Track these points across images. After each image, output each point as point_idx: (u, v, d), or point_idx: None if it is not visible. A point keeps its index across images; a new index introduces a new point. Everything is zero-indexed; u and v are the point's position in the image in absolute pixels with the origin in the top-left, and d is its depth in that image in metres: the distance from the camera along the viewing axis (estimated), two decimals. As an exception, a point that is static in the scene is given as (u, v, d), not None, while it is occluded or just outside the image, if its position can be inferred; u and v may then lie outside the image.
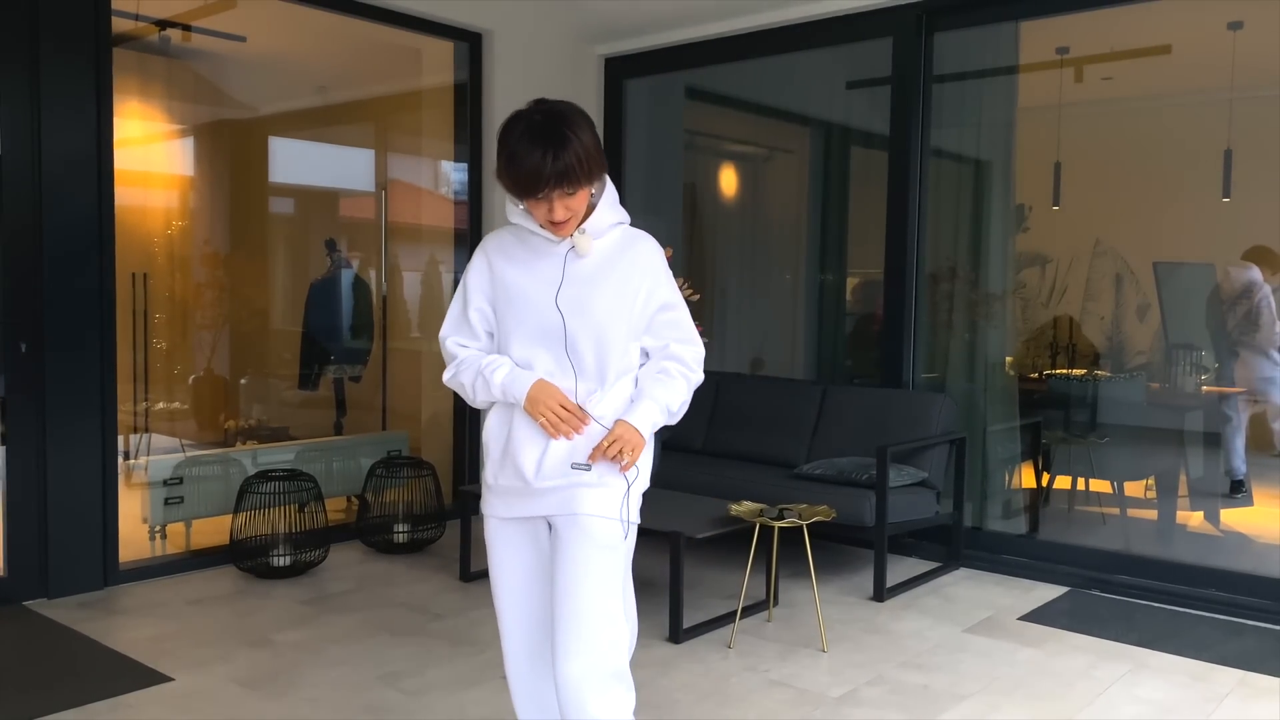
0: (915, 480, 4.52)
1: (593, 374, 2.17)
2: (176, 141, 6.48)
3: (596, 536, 2.15)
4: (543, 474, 2.15)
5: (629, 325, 2.18)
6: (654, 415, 2.17)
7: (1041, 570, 4.68)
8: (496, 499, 2.25)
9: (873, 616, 4.10)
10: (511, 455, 2.18)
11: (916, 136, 5.05)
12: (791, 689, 3.35)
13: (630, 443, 2.13)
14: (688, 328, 2.26)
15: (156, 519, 4.71)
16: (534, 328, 2.16)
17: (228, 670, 3.43)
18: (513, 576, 2.28)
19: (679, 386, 2.22)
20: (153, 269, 6.17)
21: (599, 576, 2.15)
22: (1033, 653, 3.71)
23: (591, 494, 2.15)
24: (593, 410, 2.15)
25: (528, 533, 2.26)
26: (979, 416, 5.11)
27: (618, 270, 2.17)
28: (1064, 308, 6.91)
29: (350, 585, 4.42)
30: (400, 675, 3.41)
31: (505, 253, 2.22)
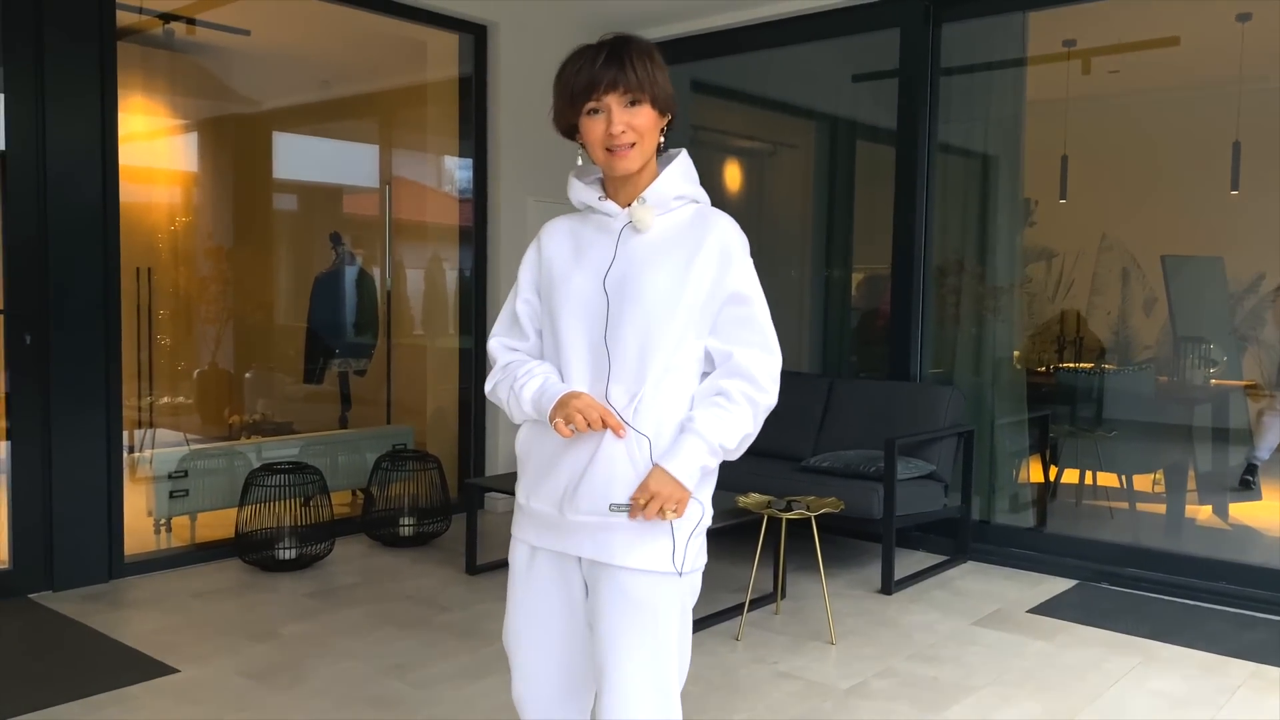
0: (923, 473, 4.50)
1: (631, 369, 1.76)
2: (180, 135, 6.47)
3: (638, 597, 1.75)
4: (575, 505, 1.78)
5: (688, 316, 1.77)
6: (701, 458, 1.74)
7: (1050, 563, 4.66)
8: (527, 521, 1.89)
9: (881, 609, 4.08)
10: (542, 475, 1.84)
11: (924, 129, 5.03)
12: (800, 681, 3.33)
13: (672, 499, 1.72)
14: (763, 331, 1.81)
15: (161, 512, 4.69)
16: (577, 314, 1.81)
17: (233, 662, 3.42)
18: (532, 618, 1.88)
19: (739, 416, 1.77)
20: (157, 264, 6.16)
21: (644, 649, 1.76)
22: (1043, 645, 3.69)
23: (632, 541, 1.75)
24: (630, 418, 1.75)
25: (556, 570, 1.86)
26: (986, 410, 5.08)
27: (681, 249, 1.79)
28: (1070, 302, 6.89)
29: (356, 578, 4.40)
30: (406, 668, 3.39)
31: (558, 236, 1.90)
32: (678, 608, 1.80)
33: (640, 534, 1.76)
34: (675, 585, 1.79)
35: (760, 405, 1.80)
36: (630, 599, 1.76)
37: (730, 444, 1.78)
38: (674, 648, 1.80)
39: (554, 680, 1.90)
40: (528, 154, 5.70)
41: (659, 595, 1.77)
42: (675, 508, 1.73)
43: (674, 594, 1.79)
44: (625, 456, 1.75)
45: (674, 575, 1.78)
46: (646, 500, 1.72)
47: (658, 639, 1.77)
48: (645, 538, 1.76)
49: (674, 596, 1.79)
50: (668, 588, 1.78)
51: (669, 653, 1.79)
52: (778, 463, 4.84)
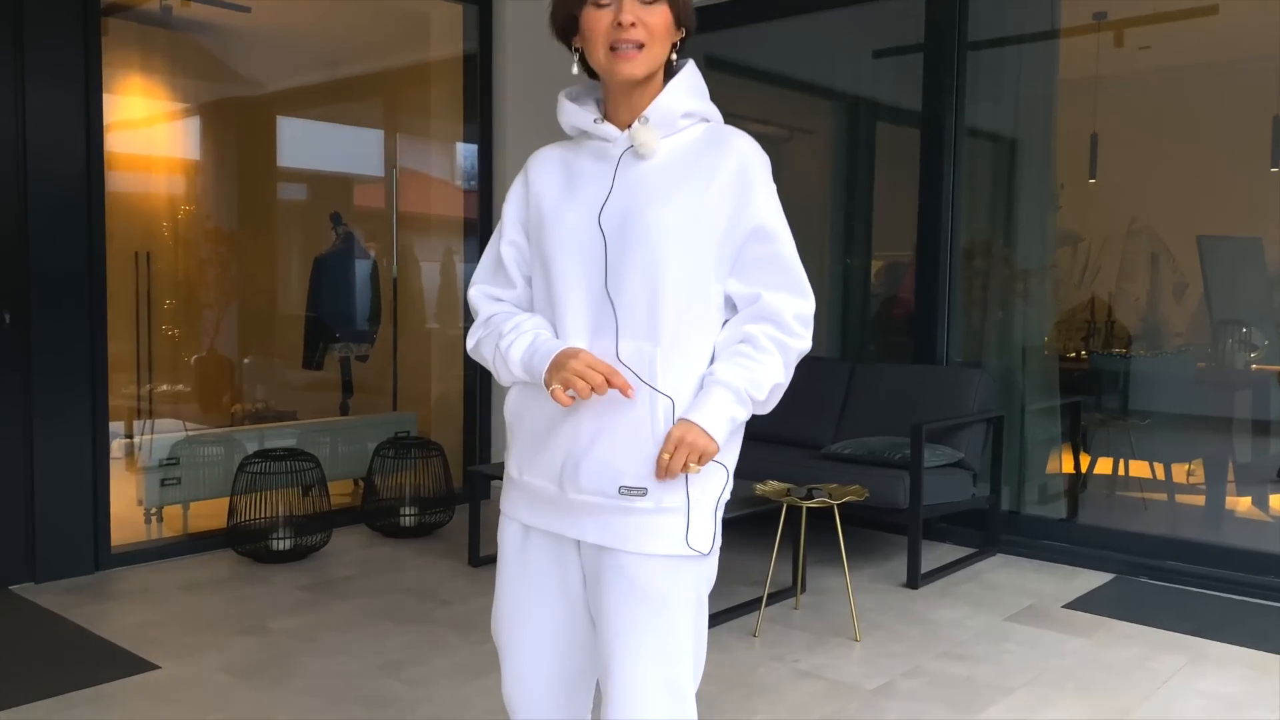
0: (951, 461, 4.26)
1: (642, 322, 1.50)
2: (178, 116, 6.27)
3: (649, 586, 1.53)
4: (578, 483, 1.53)
5: (703, 255, 1.53)
6: (729, 409, 1.51)
7: (1083, 556, 4.41)
8: (519, 496, 1.65)
9: (907, 604, 3.84)
10: (537, 446, 1.59)
11: (951, 105, 4.79)
12: (823, 680, 3.10)
13: (696, 448, 1.49)
14: (791, 270, 1.57)
15: (152, 501, 4.49)
16: (572, 258, 1.54)
17: (218, 659, 3.21)
18: (523, 607, 1.66)
19: (768, 363, 1.54)
20: (155, 248, 5.98)
21: (655, 645, 1.54)
22: (1081, 642, 3.45)
23: (645, 525, 1.52)
24: (646, 379, 1.51)
25: (553, 553, 1.63)
26: (1016, 395, 4.84)
27: (693, 176, 1.53)
28: (1096, 288, 6.64)
29: (353, 570, 4.20)
30: (402, 664, 3.18)
31: (548, 165, 1.64)
32: (693, 597, 1.57)
33: (654, 515, 1.52)
34: (691, 571, 1.56)
35: (792, 351, 1.57)
36: (640, 589, 1.53)
37: (760, 394, 1.54)
38: (689, 643, 1.57)
39: (548, 677, 1.68)
40: (537, 133, 5.47)
41: (673, 583, 1.54)
42: (699, 460, 1.50)
43: (689, 581, 1.56)
44: (642, 423, 1.51)
45: (690, 558, 1.55)
46: (670, 453, 1.49)
47: (671, 633, 1.55)
48: (659, 524, 1.53)
49: (689, 584, 1.56)
50: (683, 574, 1.55)
51: (683, 649, 1.56)
52: (796, 450, 4.61)
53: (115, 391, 5.61)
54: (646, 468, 1.51)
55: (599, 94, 1.64)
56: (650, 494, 1.52)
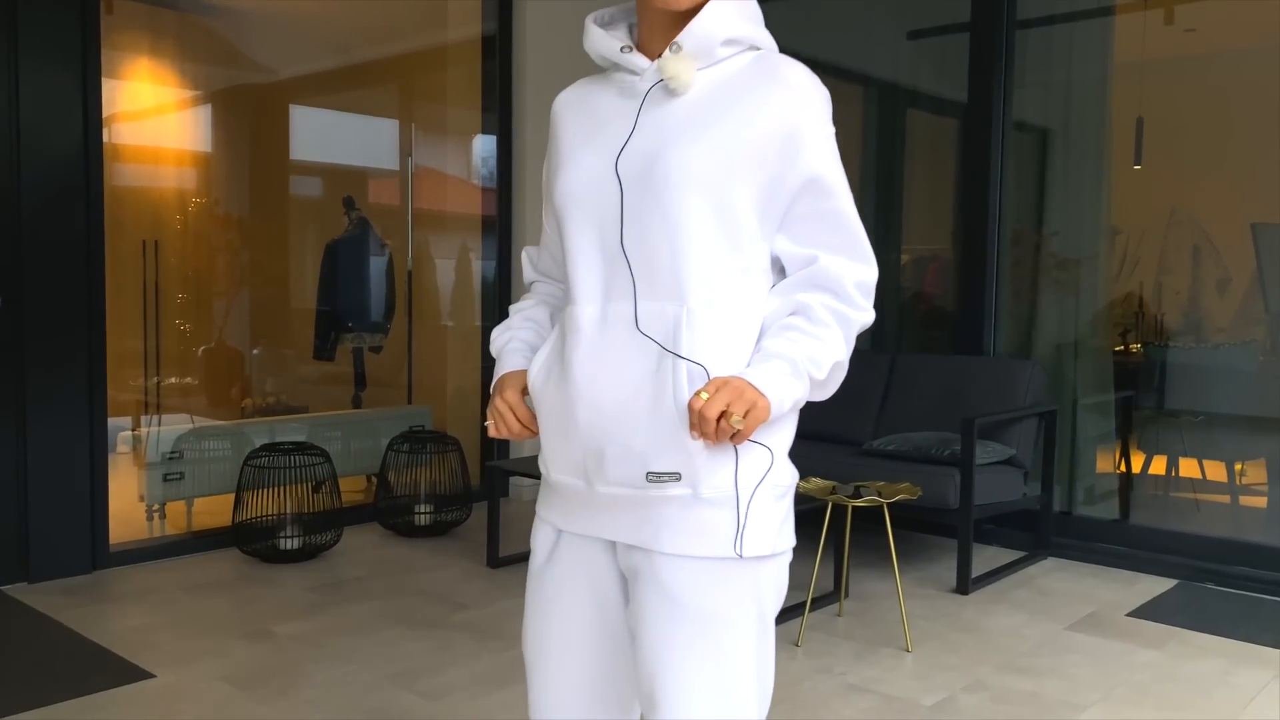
0: (1002, 458, 3.99)
1: (665, 283, 1.25)
2: (187, 102, 6.05)
3: (691, 600, 1.25)
4: (604, 474, 1.29)
5: (741, 206, 1.26)
6: (786, 381, 1.24)
7: (1141, 560, 4.13)
8: (552, 497, 1.41)
9: (958, 611, 3.57)
10: (559, 436, 1.34)
11: (999, 86, 4.53)
12: (875, 695, 2.83)
13: (743, 399, 1.18)
14: (852, 231, 1.32)
15: (154, 497, 4.26)
16: (584, 209, 1.31)
17: (218, 666, 2.97)
18: (553, 622, 1.40)
19: (827, 339, 1.28)
20: (164, 237, 5.77)
21: (705, 674, 1.26)
22: (1153, 655, 3.18)
23: (681, 520, 1.26)
24: (670, 347, 1.24)
25: (584, 560, 1.38)
26: (1066, 389, 4.57)
27: (732, 111, 1.26)
28: (1135, 280, 6.35)
29: (365, 571, 3.95)
30: (416, 674, 2.93)
31: (570, 105, 1.41)
32: (751, 613, 1.29)
33: (692, 507, 1.25)
34: (747, 580, 1.28)
35: (854, 325, 1.32)
36: (679, 601, 1.26)
37: (820, 372, 1.28)
38: (749, 671, 1.29)
39: (580, 704, 1.41)
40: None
41: (723, 595, 1.26)
42: (745, 416, 1.18)
43: (745, 593, 1.28)
44: (666, 396, 1.23)
45: (743, 563, 1.27)
46: (710, 398, 1.18)
47: (722, 659, 1.27)
48: (698, 511, 1.25)
49: (745, 597, 1.28)
50: (735, 584, 1.27)
51: (742, 679, 1.28)
52: (835, 446, 4.34)
53: (121, 384, 5.40)
54: (677, 448, 1.24)
55: (634, 18, 1.39)
56: (685, 479, 1.24)
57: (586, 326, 1.29)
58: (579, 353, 1.29)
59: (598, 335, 1.28)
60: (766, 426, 1.28)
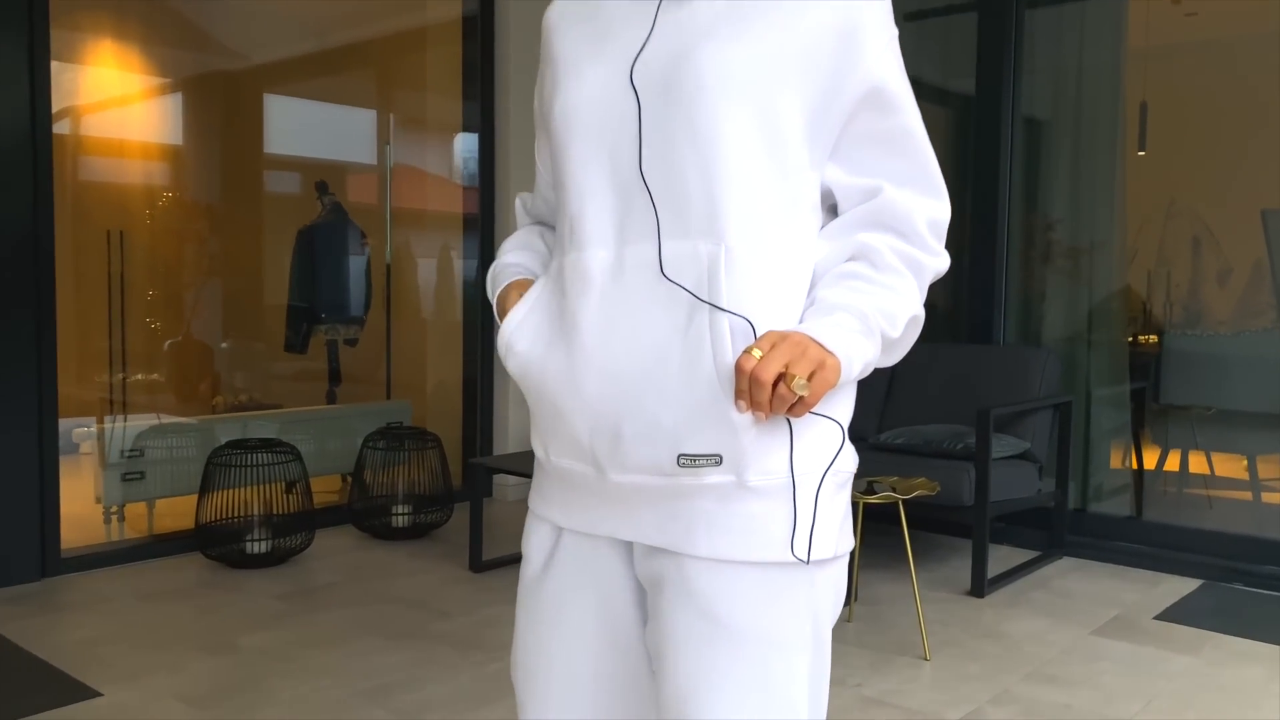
0: (1016, 452, 3.76)
1: (698, 216, 1.00)
2: (152, 87, 5.76)
3: (734, 616, 1.01)
4: (622, 458, 1.02)
5: (787, 122, 1.02)
6: (854, 338, 0.99)
7: (1162, 560, 3.91)
8: (550, 486, 1.15)
9: (975, 615, 3.34)
10: (557, 408, 1.07)
11: (1008, 70, 4.32)
12: (895, 709, 2.59)
13: (807, 357, 0.94)
14: (921, 156, 1.07)
15: (112, 499, 3.98)
16: (584, 134, 1.06)
17: (171, 683, 2.70)
18: (550, 644, 1.14)
19: (900, 288, 1.04)
20: (129, 226, 5.49)
21: (750, 707, 1.01)
22: (1189, 661, 2.95)
23: (721, 515, 1.01)
24: (709, 297, 0.99)
25: (591, 568, 1.12)
26: (1080, 379, 4.35)
27: (774, 7, 1.02)
28: (1144, 268, 6.15)
29: (338, 577, 3.69)
30: (391, 689, 2.67)
31: (568, 12, 1.15)
32: (807, 631, 1.04)
33: (736, 499, 1.00)
34: (801, 590, 1.03)
35: (927, 272, 1.08)
36: (717, 619, 1.01)
37: (894, 328, 1.03)
38: (802, 704, 1.04)
39: None
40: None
41: (771, 610, 1.01)
42: (809, 380, 0.93)
43: (799, 606, 1.03)
44: (703, 356, 0.97)
45: (798, 570, 1.02)
46: (763, 354, 0.93)
47: (773, 691, 1.01)
48: (743, 503, 0.99)
49: (798, 610, 1.03)
50: (787, 596, 1.02)
51: (790, 713, 1.03)
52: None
53: (86, 381, 5.11)
54: (717, 423, 0.97)
55: None
56: (727, 462, 0.99)
57: (597, 276, 1.03)
58: (587, 308, 1.03)
59: (611, 286, 1.02)
60: (828, 397, 1.03)
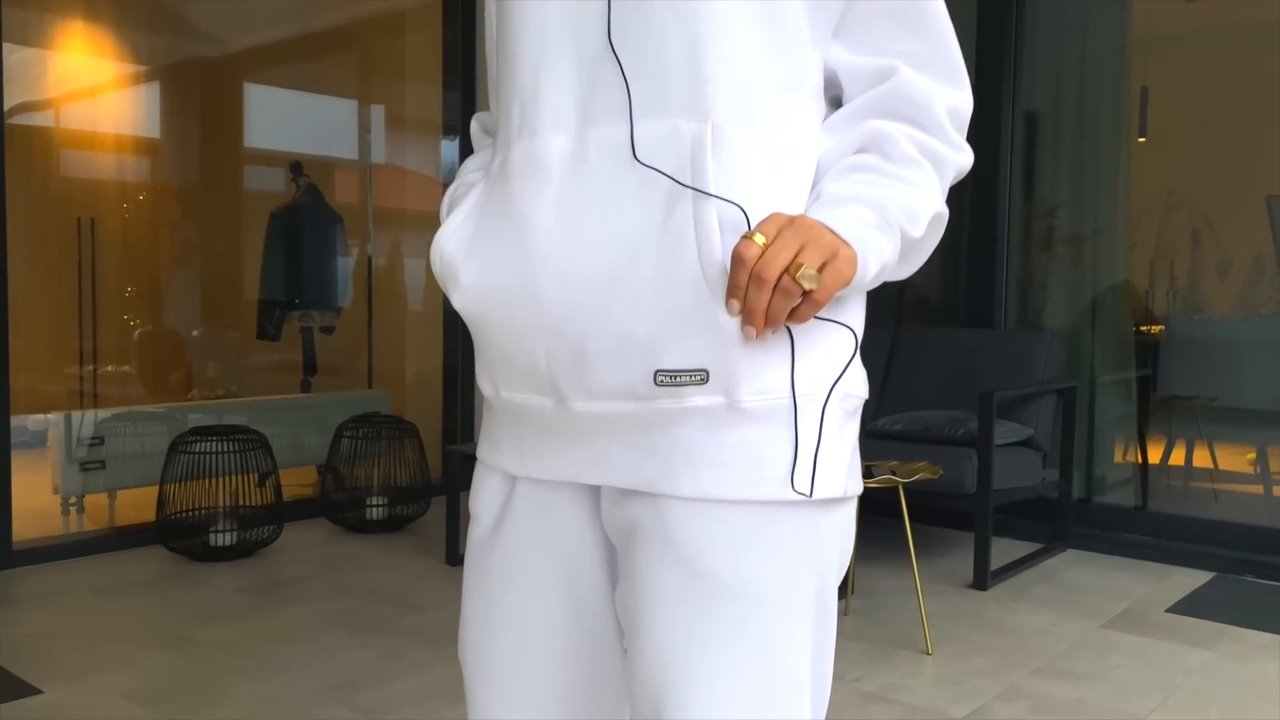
0: (1019, 438, 3.60)
1: (678, 90, 0.83)
2: (127, 74, 5.57)
3: (718, 568, 0.84)
4: (586, 381, 0.85)
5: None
6: (871, 234, 0.82)
7: (1170, 552, 3.76)
8: (500, 428, 0.96)
9: (978, 609, 3.17)
10: (507, 328, 0.89)
11: (1009, 44, 4.17)
12: (896, 705, 2.42)
13: (820, 244, 0.78)
14: (941, 37, 0.90)
15: (70, 489, 3.79)
16: (541, 9, 0.88)
17: (120, 679, 2.51)
18: (503, 616, 0.97)
19: (920, 181, 0.87)
20: (100, 214, 5.30)
21: (741, 675, 0.84)
22: (1206, 655, 2.78)
23: (708, 445, 0.84)
24: (693, 181, 0.81)
25: (549, 522, 0.95)
26: (1084, 365, 4.19)
27: None
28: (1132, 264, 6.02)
29: (306, 570, 3.50)
30: (357, 686, 2.49)
31: None
32: (810, 586, 0.86)
33: (725, 424, 0.82)
34: (800, 536, 0.85)
35: (949, 167, 0.90)
36: (702, 573, 0.83)
37: (915, 226, 0.86)
38: (803, 672, 0.86)
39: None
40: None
41: (768, 559, 0.83)
42: (818, 273, 0.76)
43: (799, 554, 0.85)
44: (685, 249, 0.80)
45: (800, 510, 0.84)
46: (765, 241, 0.76)
47: (770, 657, 0.84)
48: (734, 429, 0.82)
49: (800, 560, 0.85)
50: (786, 542, 0.84)
51: (795, 685, 0.85)
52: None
53: (54, 372, 4.93)
54: (702, 332, 0.80)
55: None
56: (715, 379, 0.81)
57: (554, 165, 0.86)
58: (541, 205, 0.86)
59: (571, 177, 0.85)
60: (835, 303, 0.85)
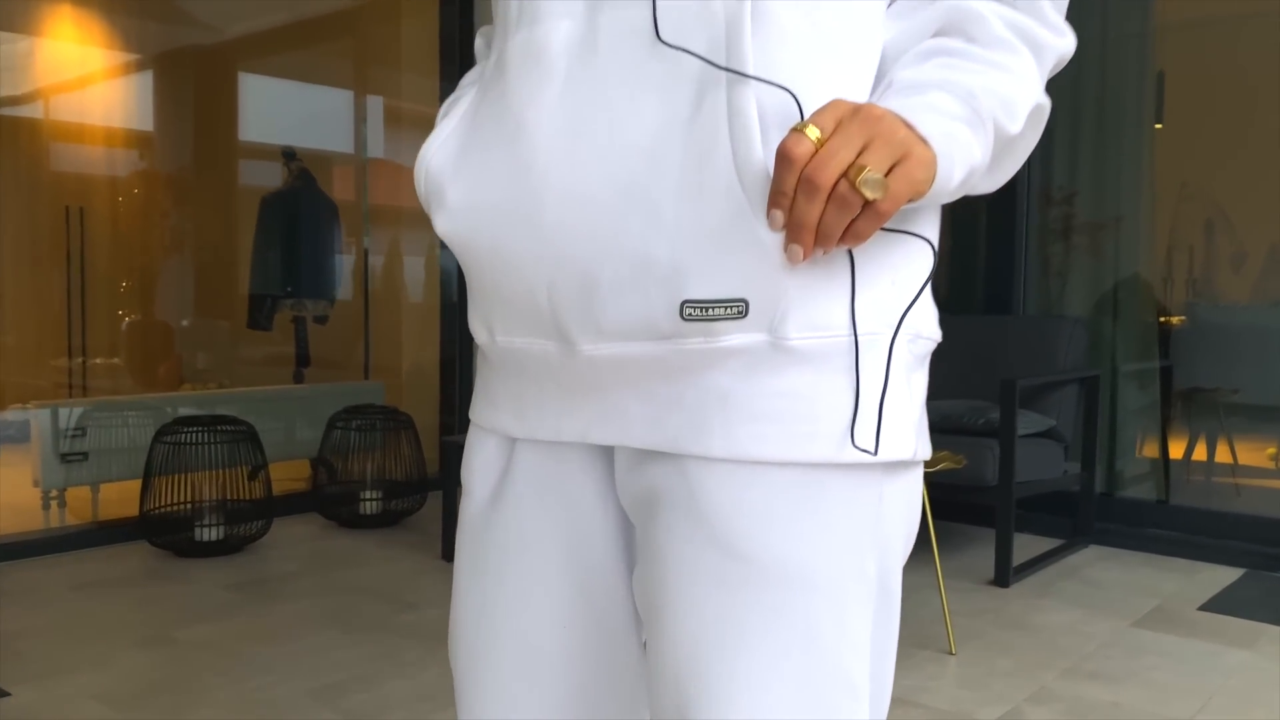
0: (1041, 429, 3.44)
1: None
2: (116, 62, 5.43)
3: (757, 547, 0.69)
4: (597, 317, 0.69)
5: None
6: (957, 128, 0.66)
7: (1198, 547, 3.60)
8: (498, 382, 0.81)
9: (1001, 606, 3.02)
10: (500, 256, 0.73)
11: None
12: (922, 709, 2.27)
13: (892, 140, 0.61)
14: None
15: (52, 482, 3.64)
16: None
17: (94, 680, 2.36)
18: (496, 601, 0.81)
19: (1015, 66, 0.71)
20: (90, 202, 5.16)
21: (785, 676, 0.69)
22: (1246, 655, 2.63)
23: (747, 394, 0.68)
24: (729, 61, 0.65)
25: (555, 494, 0.79)
26: (1105, 354, 4.04)
27: None
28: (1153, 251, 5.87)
29: (297, 566, 3.35)
30: (345, 687, 2.34)
31: None
32: (869, 568, 0.71)
33: (767, 368, 0.67)
34: (859, 508, 0.69)
35: (1048, 52, 0.74)
36: (739, 552, 0.68)
37: (1012, 119, 0.69)
38: (860, 671, 0.71)
39: None
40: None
41: (823, 541, 0.68)
42: (890, 169, 0.61)
43: (857, 530, 0.70)
44: (717, 148, 0.64)
45: (859, 476, 0.69)
46: (826, 135, 0.60)
47: (818, 656, 0.69)
48: (780, 375, 0.67)
49: (858, 537, 0.70)
50: (841, 515, 0.69)
51: (850, 687, 0.70)
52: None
53: (41, 366, 4.79)
54: (739, 252, 0.65)
55: None
56: (755, 311, 0.66)
57: (558, 57, 0.70)
58: (541, 105, 0.70)
59: (579, 69, 0.69)
60: (903, 215, 0.69)
